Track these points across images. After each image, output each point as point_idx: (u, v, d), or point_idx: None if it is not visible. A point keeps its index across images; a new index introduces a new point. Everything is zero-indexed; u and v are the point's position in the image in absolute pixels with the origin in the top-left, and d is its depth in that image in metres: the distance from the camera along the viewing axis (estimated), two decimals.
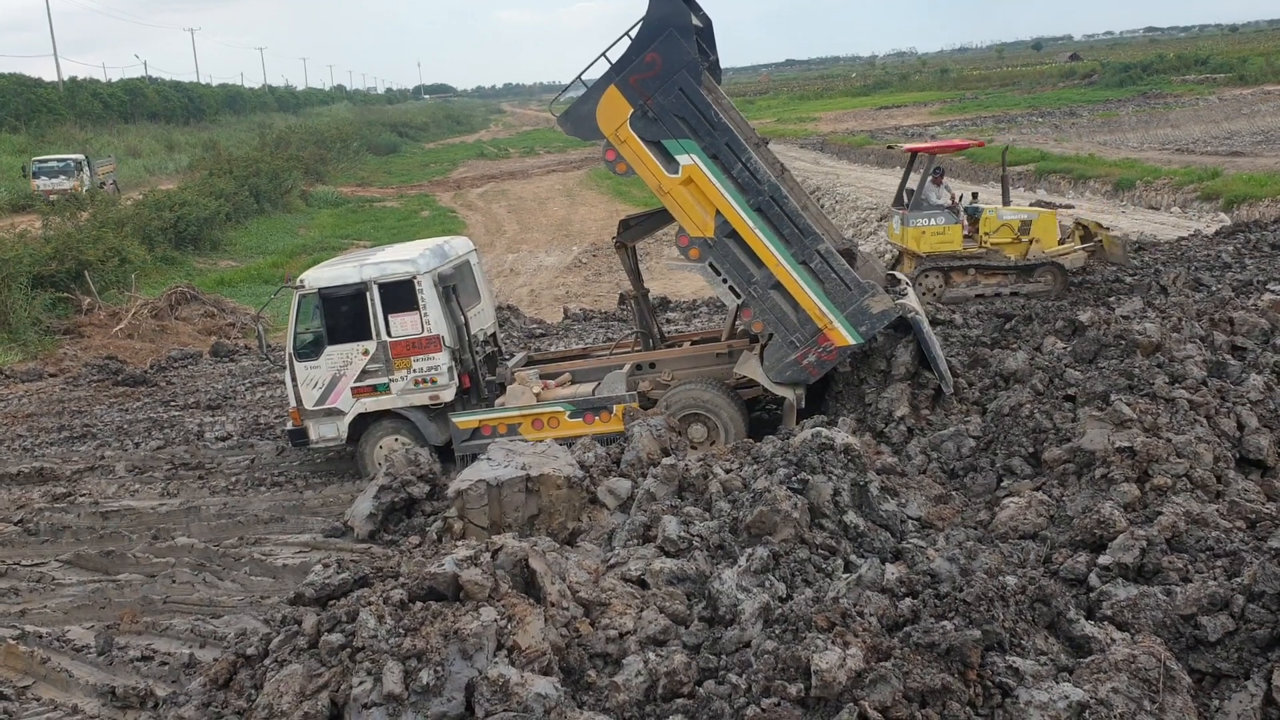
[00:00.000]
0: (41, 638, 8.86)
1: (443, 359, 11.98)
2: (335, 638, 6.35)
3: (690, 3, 11.68)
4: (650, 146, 11.03)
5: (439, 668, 5.91)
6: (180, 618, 9.11)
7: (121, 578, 10.14)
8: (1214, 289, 15.41)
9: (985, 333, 13.49)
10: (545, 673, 6.01)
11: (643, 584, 7.25)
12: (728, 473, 8.81)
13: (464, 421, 11.98)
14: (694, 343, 13.79)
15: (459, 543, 7.49)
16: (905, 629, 5.93)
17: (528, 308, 22.90)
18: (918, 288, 15.94)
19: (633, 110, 10.93)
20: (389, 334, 11.91)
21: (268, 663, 6.63)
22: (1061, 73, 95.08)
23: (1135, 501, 7.96)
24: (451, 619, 6.16)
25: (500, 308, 20.71)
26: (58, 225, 28.22)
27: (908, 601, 6.24)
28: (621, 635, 6.54)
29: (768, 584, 6.84)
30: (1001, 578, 6.33)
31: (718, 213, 11.02)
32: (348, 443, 12.36)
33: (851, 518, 7.76)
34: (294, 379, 12.17)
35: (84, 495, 12.54)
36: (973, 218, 17.88)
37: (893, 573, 6.57)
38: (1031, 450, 9.37)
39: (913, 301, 11.54)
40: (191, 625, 8.87)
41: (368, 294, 11.87)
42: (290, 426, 12.50)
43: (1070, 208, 25.70)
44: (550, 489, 8.94)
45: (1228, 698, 5.85)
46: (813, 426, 9.40)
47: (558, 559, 7.27)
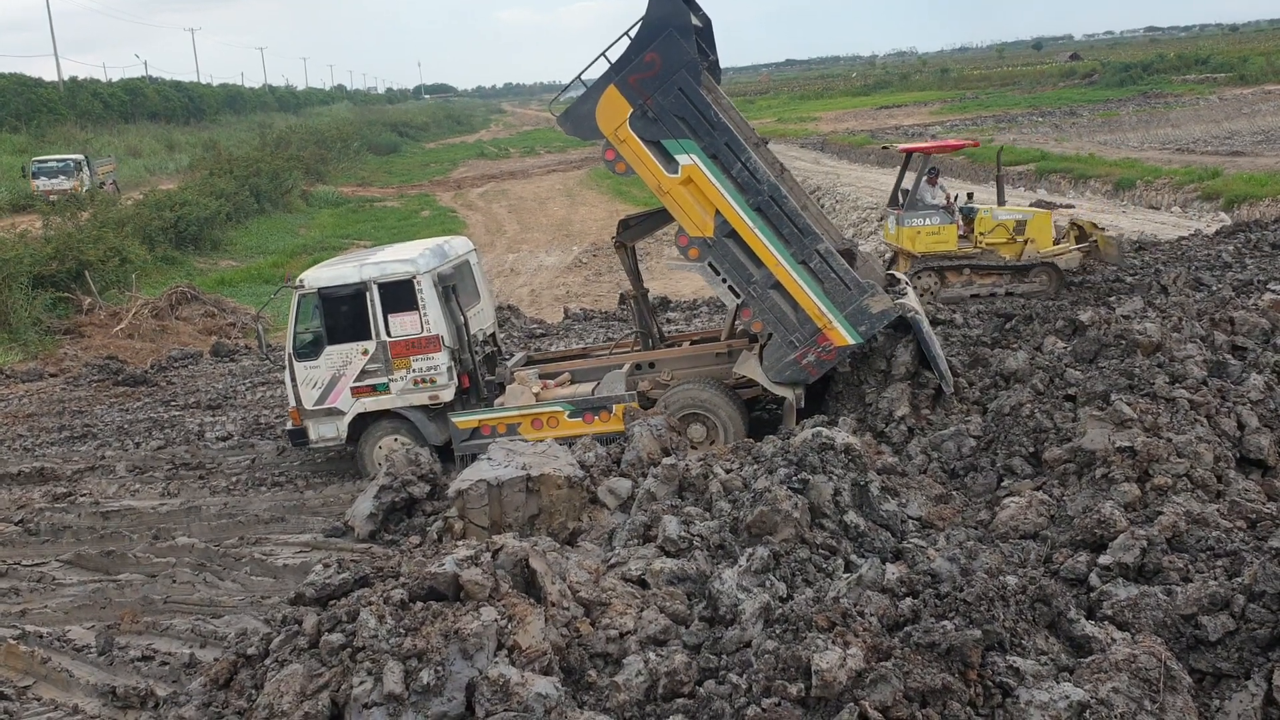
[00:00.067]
0: (42, 638, 8.86)
1: (442, 359, 11.98)
2: (336, 638, 6.36)
3: (690, 3, 11.68)
4: (650, 146, 11.02)
5: (439, 668, 5.91)
6: (181, 618, 9.11)
7: (122, 578, 10.14)
8: (1214, 289, 15.41)
9: (985, 332, 13.49)
10: (546, 672, 6.01)
11: (643, 584, 7.25)
12: (728, 472, 8.80)
13: (463, 421, 11.98)
14: (693, 342, 13.79)
15: (459, 543, 7.49)
16: (906, 629, 5.94)
17: (528, 308, 22.90)
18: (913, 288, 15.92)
19: (632, 110, 10.93)
20: (388, 334, 11.92)
21: (268, 663, 6.64)
22: (1062, 72, 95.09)
23: (1136, 501, 7.96)
24: (452, 619, 6.17)
25: (501, 308, 20.70)
26: (58, 225, 28.20)
27: (908, 601, 6.24)
28: (622, 635, 6.55)
29: (768, 584, 6.84)
30: (1002, 577, 6.33)
31: (717, 212, 11.02)
32: (347, 442, 12.37)
33: (852, 517, 7.76)
34: (293, 379, 12.18)
35: (84, 495, 12.54)
36: (968, 218, 17.88)
37: (893, 573, 6.57)
38: (1032, 450, 9.37)
39: (912, 301, 11.53)
40: (192, 625, 8.87)
41: (367, 294, 11.87)
42: (290, 426, 12.51)
43: (1071, 207, 25.69)
44: (551, 489, 8.94)
45: (1228, 697, 5.85)
46: (813, 426, 9.40)
47: (558, 559, 7.27)
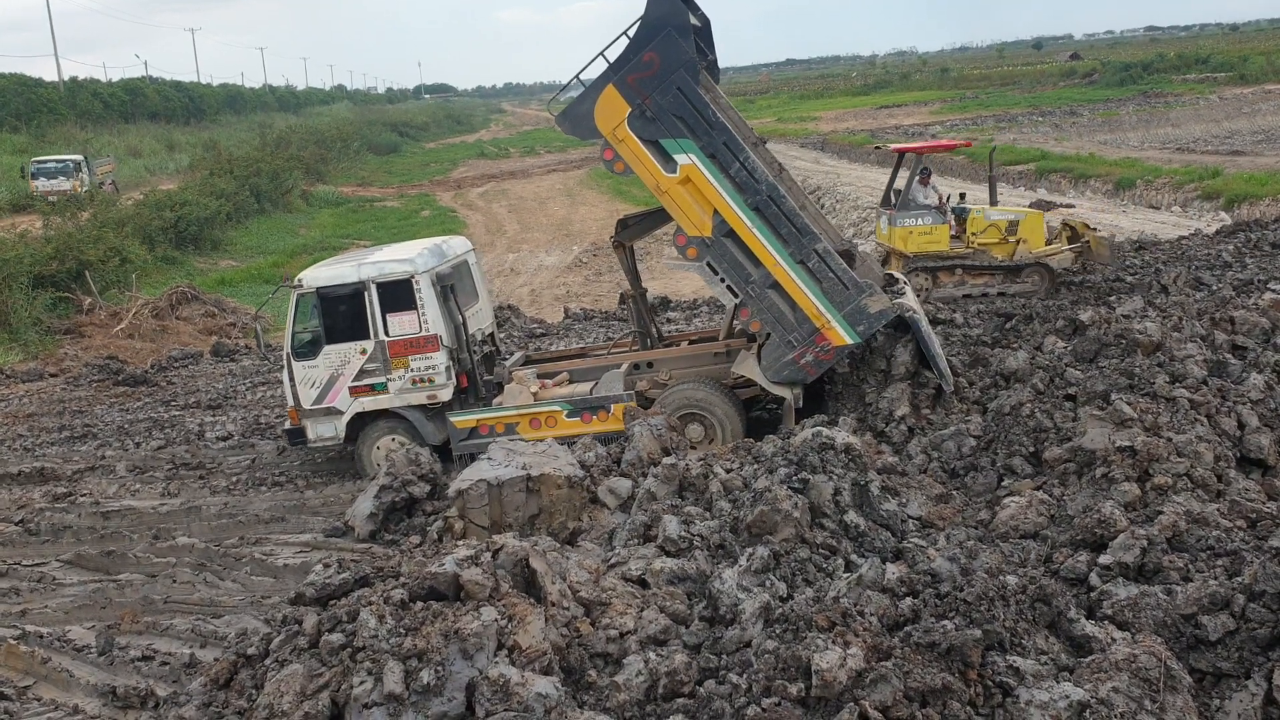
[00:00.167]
0: (42, 638, 8.85)
1: (440, 358, 11.98)
2: (336, 637, 6.36)
3: (688, 2, 11.68)
4: (648, 146, 11.02)
5: (439, 667, 5.91)
6: (181, 618, 9.11)
7: (122, 578, 10.14)
8: (1215, 288, 15.41)
9: (986, 332, 13.49)
10: (546, 672, 6.01)
11: (643, 584, 7.25)
12: (728, 472, 8.80)
13: (461, 421, 11.98)
14: (692, 342, 13.79)
15: (460, 542, 7.49)
16: (906, 628, 5.93)
17: (528, 307, 22.90)
18: None
19: (630, 109, 10.93)
20: (387, 333, 11.92)
21: (268, 663, 6.63)
22: (1062, 72, 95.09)
23: (1136, 501, 7.96)
24: (452, 619, 6.16)
25: (501, 307, 20.71)
26: (58, 225, 28.20)
27: (908, 601, 6.24)
28: (622, 635, 6.54)
29: (768, 583, 6.84)
30: (1002, 577, 6.33)
31: (715, 212, 11.02)
32: (345, 442, 12.37)
33: (852, 517, 7.75)
34: (292, 378, 12.18)
35: (85, 495, 12.54)
36: (960, 218, 17.89)
37: (893, 572, 6.57)
38: (1032, 449, 9.37)
39: (910, 301, 11.53)
40: (192, 625, 8.87)
41: (366, 293, 11.87)
42: (288, 426, 12.51)
43: (1071, 207, 25.72)
44: (551, 489, 8.93)
45: (1228, 697, 5.85)
46: (813, 426, 9.40)
47: (558, 559, 7.26)
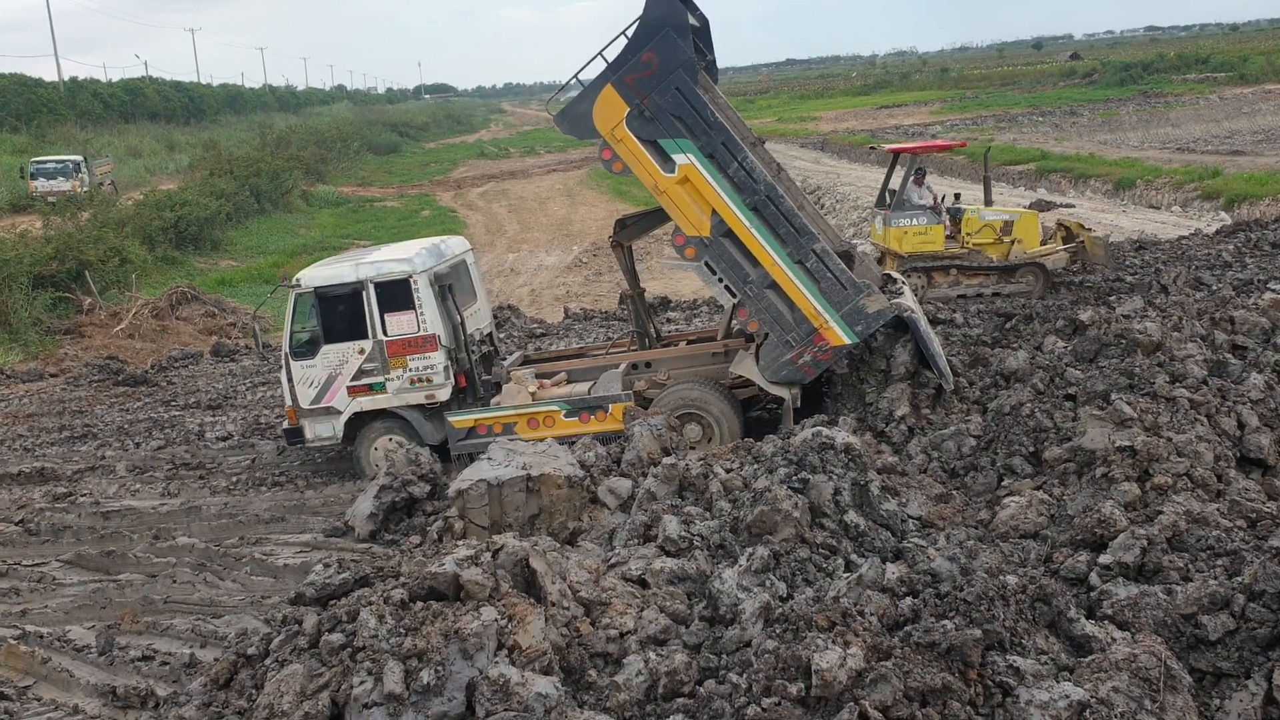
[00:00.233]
0: (42, 638, 8.85)
1: (438, 358, 11.98)
2: (336, 637, 6.35)
3: (687, 2, 11.68)
4: (646, 145, 11.02)
5: (440, 667, 5.91)
6: (181, 618, 9.11)
7: (122, 578, 10.14)
8: (1215, 288, 15.42)
9: (986, 332, 13.49)
10: (546, 672, 6.01)
11: (643, 583, 7.25)
12: (728, 472, 8.80)
13: (459, 420, 11.99)
14: (690, 342, 13.78)
15: (460, 542, 7.49)
16: (906, 628, 5.93)
17: (528, 307, 22.90)
18: None
19: (629, 109, 10.93)
20: (385, 333, 11.92)
21: (268, 662, 6.63)
22: (1062, 72, 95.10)
23: (1136, 501, 7.96)
24: (452, 619, 6.16)
25: (501, 307, 20.73)
26: (58, 225, 28.22)
27: (908, 601, 6.23)
28: (622, 635, 6.54)
29: (768, 583, 6.83)
30: (1002, 577, 6.33)
31: (714, 212, 11.02)
32: (343, 442, 12.37)
33: (852, 517, 7.75)
34: (290, 378, 12.18)
35: (85, 495, 12.54)
36: (955, 218, 17.91)
37: (893, 572, 6.57)
38: (1032, 449, 9.36)
39: (909, 300, 11.53)
40: (192, 625, 8.87)
41: (364, 293, 11.86)
42: (286, 425, 12.50)
43: (1071, 207, 25.73)
44: (551, 489, 8.93)
45: (1228, 697, 5.85)
46: (813, 426, 9.40)
47: (558, 558, 7.26)
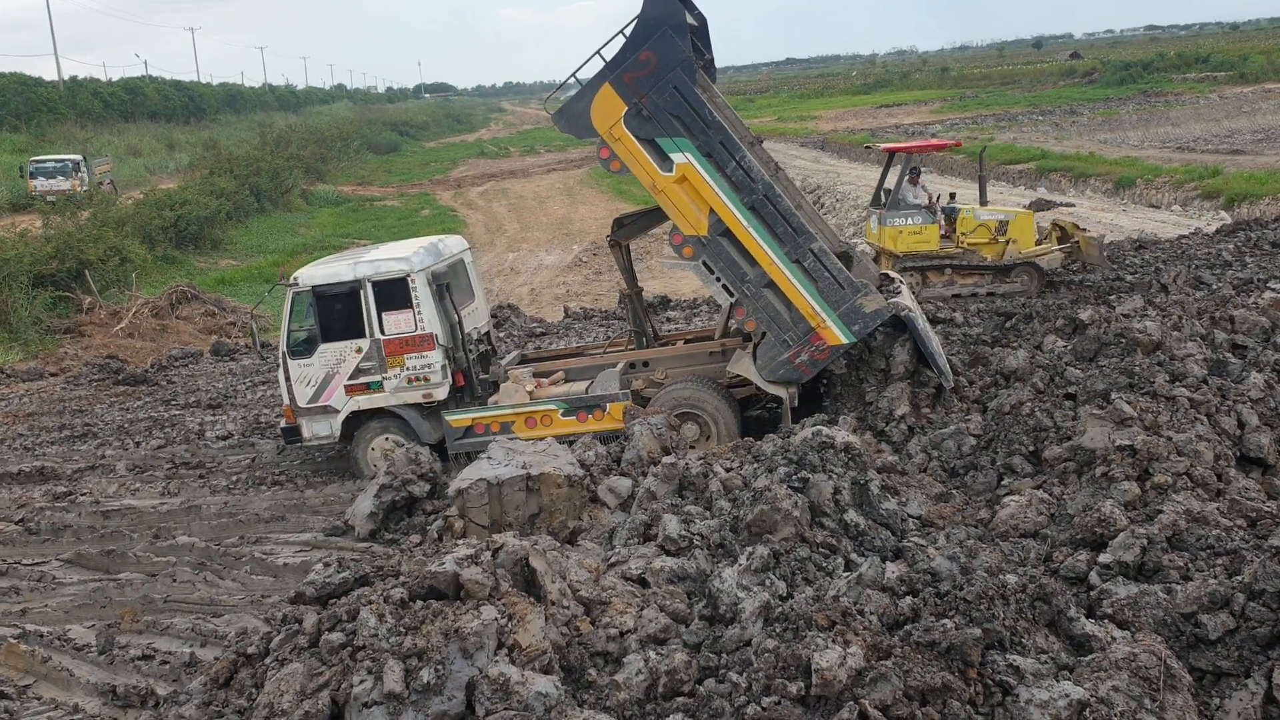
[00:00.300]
0: (42, 637, 8.85)
1: (436, 357, 11.97)
2: (336, 636, 6.36)
3: (685, 2, 11.68)
4: (644, 144, 11.02)
5: (439, 666, 5.91)
6: (181, 617, 9.11)
7: (122, 577, 10.14)
8: (1214, 287, 15.43)
9: (986, 331, 13.50)
10: (546, 671, 6.01)
11: (643, 583, 7.25)
12: (728, 471, 8.80)
13: (457, 419, 11.99)
14: (687, 341, 13.78)
15: (460, 541, 7.49)
16: (906, 627, 5.93)
17: (528, 306, 22.90)
18: None
19: (627, 108, 10.93)
20: (382, 332, 11.91)
21: (268, 662, 6.63)
22: (1062, 71, 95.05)
23: (1136, 500, 7.96)
24: (452, 618, 6.16)
25: (501, 306, 20.74)
26: (58, 224, 28.24)
27: (908, 600, 6.23)
28: (622, 634, 6.54)
29: (768, 582, 6.83)
30: (1002, 576, 6.33)
31: (711, 211, 11.02)
32: (340, 440, 12.36)
33: (852, 516, 7.75)
34: (287, 377, 12.17)
35: (85, 494, 12.54)
36: (950, 218, 17.93)
37: (893, 571, 6.57)
38: (1032, 448, 9.36)
39: (906, 299, 11.53)
40: (192, 624, 8.87)
41: (361, 292, 11.85)
42: (284, 424, 12.49)
43: (1071, 206, 25.73)
44: (551, 488, 8.94)
45: (1228, 696, 5.85)
46: (813, 425, 9.40)
47: (558, 558, 7.26)
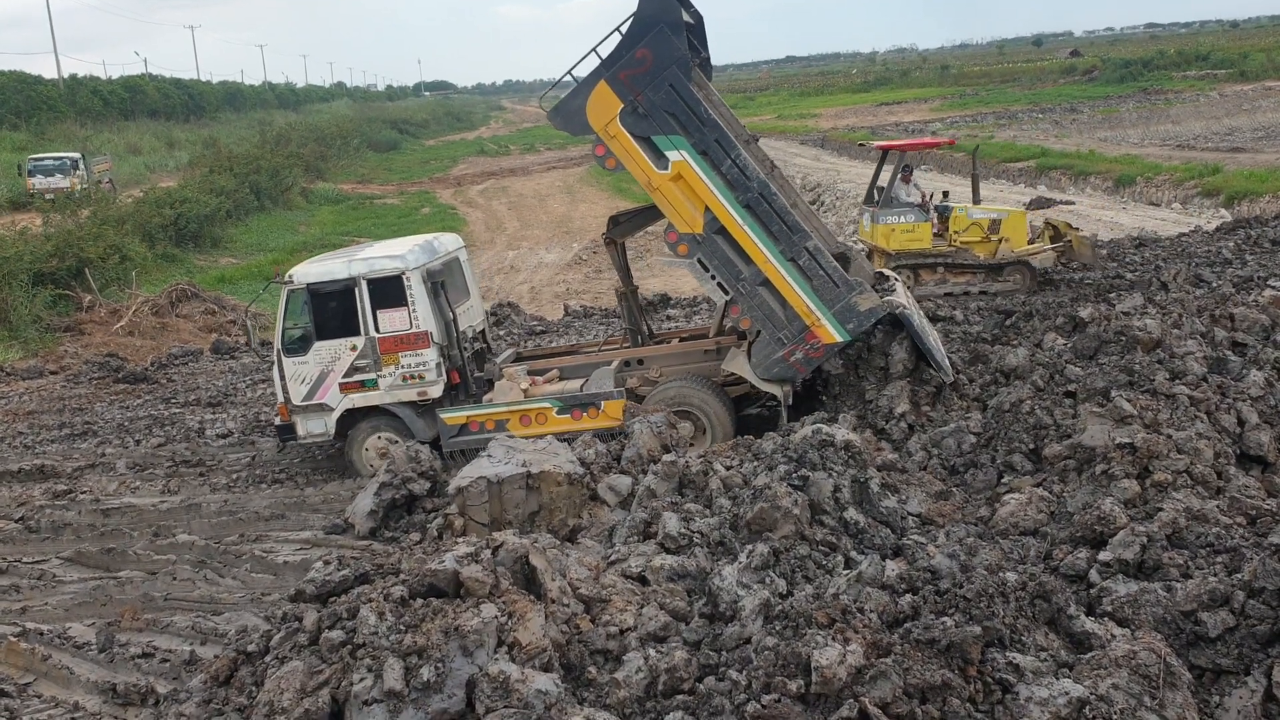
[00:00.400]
0: (42, 635, 8.85)
1: (431, 355, 11.97)
2: (336, 634, 6.36)
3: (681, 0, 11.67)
4: (640, 142, 11.02)
5: (439, 664, 5.91)
6: (181, 615, 9.11)
7: (122, 575, 10.15)
8: (1214, 285, 15.42)
9: (986, 329, 13.50)
10: (546, 669, 6.01)
11: (643, 580, 7.25)
12: (728, 469, 8.80)
13: (452, 417, 11.99)
14: (682, 339, 13.77)
15: (459, 539, 7.49)
16: (905, 625, 5.93)
17: (528, 304, 22.89)
18: None
19: (622, 106, 10.93)
20: (377, 330, 11.90)
21: (268, 660, 6.63)
22: (1062, 69, 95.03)
23: (1135, 498, 7.96)
24: (452, 616, 6.17)
25: (500, 304, 20.74)
26: (58, 223, 28.24)
27: (908, 598, 6.24)
28: (622, 632, 6.55)
29: (768, 580, 6.84)
30: (1002, 574, 6.34)
31: (707, 209, 11.03)
32: (335, 438, 12.36)
33: (852, 514, 7.76)
34: (282, 374, 12.16)
35: (85, 492, 12.54)
36: (942, 216, 17.96)
37: (893, 569, 6.57)
38: (1032, 446, 9.37)
39: (901, 297, 11.53)
40: (192, 622, 8.87)
41: (356, 290, 11.84)
42: (278, 422, 12.49)
43: (1071, 204, 25.72)
44: (551, 486, 8.94)
45: (1228, 694, 5.85)
46: (813, 423, 9.40)
47: (558, 556, 7.26)
